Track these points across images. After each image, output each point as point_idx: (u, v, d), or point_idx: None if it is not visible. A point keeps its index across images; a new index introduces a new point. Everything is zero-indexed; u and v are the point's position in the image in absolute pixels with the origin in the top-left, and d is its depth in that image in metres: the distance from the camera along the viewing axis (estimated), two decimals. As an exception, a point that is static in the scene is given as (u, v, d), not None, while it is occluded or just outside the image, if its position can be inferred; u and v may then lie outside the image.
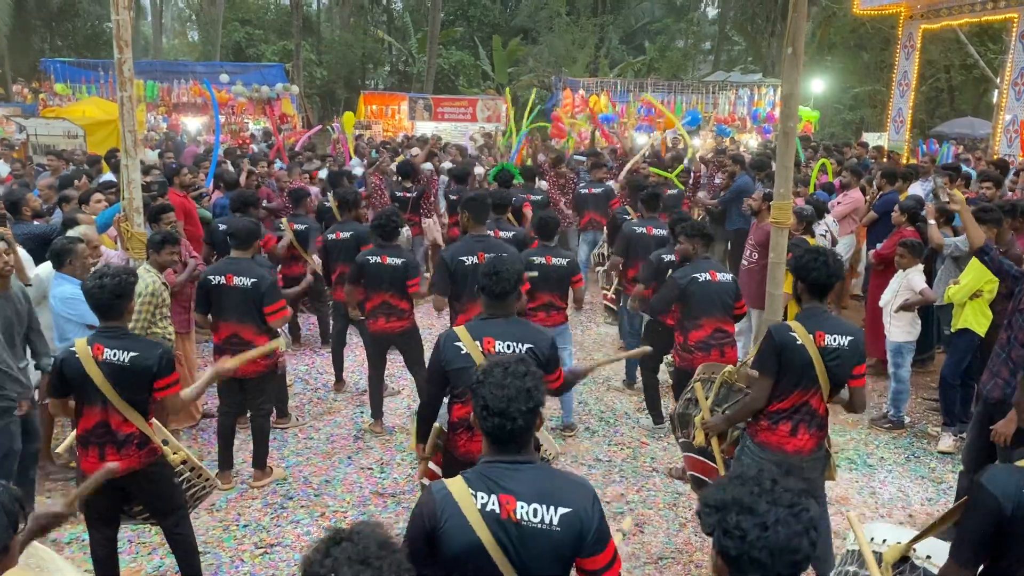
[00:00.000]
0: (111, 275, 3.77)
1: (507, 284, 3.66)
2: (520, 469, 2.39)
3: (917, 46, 13.17)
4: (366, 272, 6.18)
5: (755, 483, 1.83)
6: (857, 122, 29.30)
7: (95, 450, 3.83)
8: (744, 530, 1.75)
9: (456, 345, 3.63)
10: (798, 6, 5.71)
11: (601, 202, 10.04)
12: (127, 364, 3.75)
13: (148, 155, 12.95)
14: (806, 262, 3.92)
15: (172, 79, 22.49)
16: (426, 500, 2.39)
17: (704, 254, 5.66)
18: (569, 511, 2.33)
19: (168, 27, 43.60)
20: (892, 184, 8.87)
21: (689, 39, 37.08)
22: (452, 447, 3.80)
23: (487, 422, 2.39)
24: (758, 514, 1.77)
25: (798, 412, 3.95)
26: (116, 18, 5.55)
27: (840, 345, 3.89)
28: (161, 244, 5.60)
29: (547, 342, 3.69)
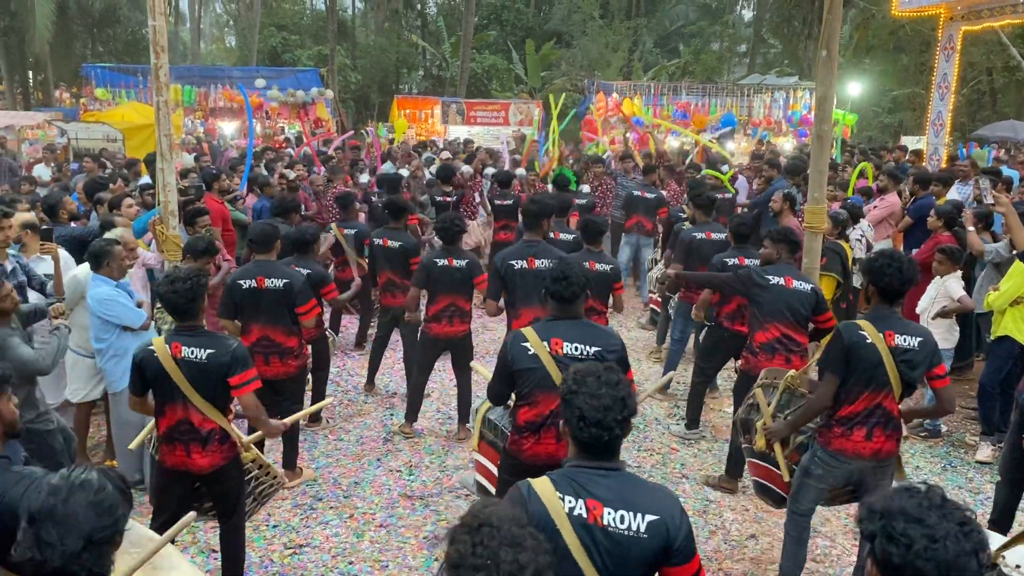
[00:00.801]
0: (183, 278, 3.85)
1: (576, 288, 3.68)
2: (608, 476, 2.39)
3: (958, 48, 12.90)
4: (433, 276, 6.16)
5: (925, 496, 1.80)
6: (895, 125, 28.86)
7: (181, 447, 3.91)
8: (911, 538, 1.71)
9: (524, 346, 3.65)
10: (833, 8, 5.65)
11: (651, 208, 9.97)
12: (204, 361, 3.82)
13: (184, 159, 13.14)
14: (880, 266, 3.89)
15: (209, 84, 22.79)
16: (515, 499, 2.37)
17: (788, 260, 5.43)
18: (656, 519, 2.33)
19: (206, 32, 44.30)
20: (925, 189, 8.72)
21: (724, 42, 36.78)
22: (517, 451, 3.79)
23: (583, 432, 2.38)
24: (928, 525, 1.73)
25: (872, 415, 3.89)
26: (152, 24, 5.65)
27: (911, 346, 3.84)
28: (203, 253, 5.68)
29: (616, 344, 3.71)
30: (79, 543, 1.92)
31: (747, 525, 5.23)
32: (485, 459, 4.26)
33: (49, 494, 1.95)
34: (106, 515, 1.98)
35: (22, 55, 31.00)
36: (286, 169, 10.88)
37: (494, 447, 4.16)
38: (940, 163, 12.92)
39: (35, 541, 1.90)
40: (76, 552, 1.91)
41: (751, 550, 4.94)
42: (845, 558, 4.82)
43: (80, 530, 1.92)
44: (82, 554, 1.92)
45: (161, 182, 5.81)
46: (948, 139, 13.54)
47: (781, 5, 32.76)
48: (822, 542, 5.02)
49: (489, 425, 4.21)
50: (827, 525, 5.20)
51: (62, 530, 1.91)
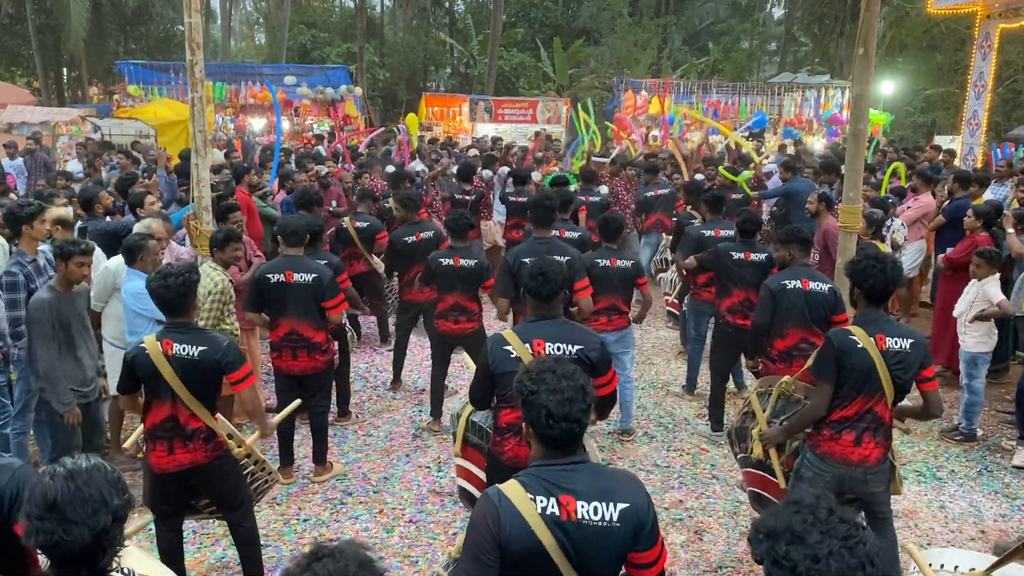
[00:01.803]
0: (175, 274, 3.85)
1: (554, 285, 3.65)
2: (576, 469, 2.40)
3: (994, 46, 12.70)
4: (438, 274, 6.19)
5: (810, 511, 1.76)
6: (928, 125, 28.47)
7: (164, 444, 3.92)
8: (794, 560, 1.69)
9: (505, 349, 3.62)
10: (870, 5, 5.58)
11: (668, 204, 9.94)
12: (196, 358, 3.83)
13: (215, 155, 13.26)
14: (863, 268, 3.84)
15: (240, 81, 22.99)
16: (486, 506, 2.36)
17: (802, 260, 5.34)
18: (627, 506, 2.35)
19: (236, 30, 44.67)
20: (965, 189, 8.58)
21: (754, 40, 36.46)
22: (499, 452, 3.76)
23: (554, 429, 2.37)
24: (809, 544, 1.70)
25: (863, 420, 3.84)
26: (189, 21, 5.70)
27: (902, 348, 3.78)
28: (225, 241, 5.69)
29: (596, 344, 3.66)
30: (107, 519, 2.01)
31: (778, 527, 5.17)
32: (469, 463, 4.21)
33: (67, 479, 2.02)
34: (123, 493, 2.10)
35: (57, 52, 31.46)
36: (318, 165, 10.93)
37: (479, 450, 4.12)
38: (975, 163, 12.73)
39: (61, 523, 1.96)
40: (106, 528, 2.01)
41: (782, 552, 4.88)
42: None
43: (107, 507, 2.02)
44: (110, 529, 2.02)
45: (195, 177, 5.87)
46: (983, 139, 13.33)
47: (813, 3, 32.43)
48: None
49: (473, 428, 4.16)
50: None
51: (89, 508, 1.99)
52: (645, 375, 7.94)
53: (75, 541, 1.95)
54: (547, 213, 5.97)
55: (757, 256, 6.18)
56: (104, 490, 2.03)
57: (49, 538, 1.96)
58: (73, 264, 4.70)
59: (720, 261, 6.21)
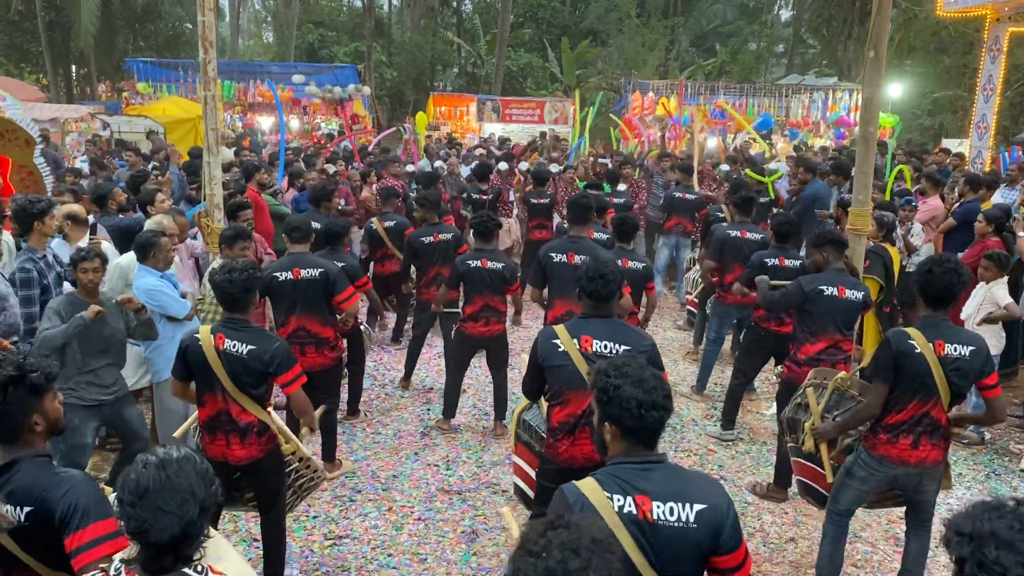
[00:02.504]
0: (239, 269, 3.90)
1: (613, 286, 3.68)
2: (652, 468, 2.38)
3: (1004, 49, 12.68)
4: (467, 277, 6.18)
5: (1014, 517, 1.77)
6: (936, 128, 28.38)
7: (221, 437, 3.96)
8: (1004, 567, 1.69)
9: (554, 343, 3.67)
10: (881, 8, 5.58)
11: (692, 209, 9.92)
12: (244, 356, 3.87)
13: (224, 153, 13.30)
14: (925, 272, 3.84)
15: (248, 79, 23.04)
16: (560, 504, 2.36)
17: (838, 264, 5.30)
18: (705, 507, 2.32)
19: (244, 28, 44.76)
20: (975, 192, 8.57)
21: (762, 42, 36.40)
22: (553, 455, 3.78)
23: (642, 420, 2.36)
24: (1019, 551, 1.71)
25: (919, 424, 3.86)
26: (202, 19, 5.74)
27: (961, 355, 3.78)
28: (233, 239, 5.71)
29: (647, 343, 3.69)
30: (195, 510, 2.03)
31: (786, 528, 5.19)
32: (522, 461, 4.25)
33: (159, 468, 2.05)
34: (211, 485, 2.11)
35: (66, 49, 31.55)
36: (327, 164, 10.96)
37: (529, 448, 4.15)
38: (983, 166, 12.70)
39: (152, 511, 1.99)
40: (194, 519, 2.03)
41: (790, 553, 4.91)
42: (887, 563, 4.77)
43: (195, 498, 2.04)
44: (198, 520, 2.04)
45: (207, 175, 5.90)
46: (992, 142, 13.31)
47: (820, 5, 32.35)
48: (863, 547, 4.97)
49: (524, 426, 4.20)
50: (868, 530, 5.15)
51: (179, 498, 2.01)
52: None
53: (164, 530, 1.98)
54: (584, 212, 6.02)
55: (792, 262, 6.11)
56: (193, 481, 2.06)
57: (140, 525, 1.99)
58: (79, 270, 4.71)
59: (756, 271, 6.08)
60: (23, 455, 2.52)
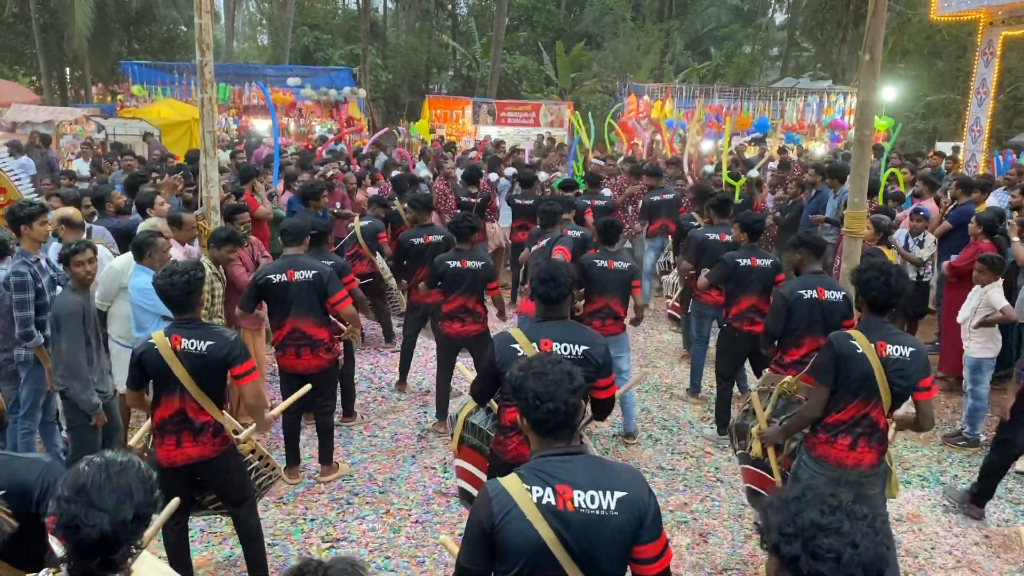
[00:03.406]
0: (180, 272, 3.91)
1: (563, 288, 3.74)
2: (572, 460, 2.42)
3: (997, 53, 12.74)
4: (445, 277, 6.22)
5: (820, 502, 1.80)
6: (930, 131, 28.50)
7: (172, 438, 3.96)
8: (838, 551, 1.72)
9: (512, 347, 3.67)
10: (877, 12, 5.60)
11: (673, 208, 9.97)
12: (204, 352, 3.88)
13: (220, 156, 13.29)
14: (868, 278, 3.86)
15: (243, 82, 23.03)
16: (481, 500, 2.40)
17: (814, 267, 5.37)
18: (626, 495, 2.36)
19: (239, 31, 44.73)
20: (968, 194, 8.61)
21: (756, 45, 36.53)
22: (502, 451, 3.81)
23: (537, 411, 2.42)
24: (845, 533, 1.74)
25: (858, 425, 3.87)
26: (199, 22, 5.74)
27: (902, 356, 3.80)
28: (224, 241, 5.70)
29: (602, 346, 3.72)
30: (130, 512, 2.04)
31: (783, 530, 5.19)
32: (468, 463, 4.24)
33: (100, 468, 2.07)
34: (150, 492, 2.12)
35: (60, 51, 31.46)
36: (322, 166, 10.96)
37: (478, 451, 4.15)
38: (977, 169, 12.75)
39: (86, 506, 2.00)
40: (126, 520, 2.03)
41: (787, 556, 4.91)
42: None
43: (131, 500, 2.05)
44: (130, 523, 2.05)
45: (204, 178, 5.90)
46: (985, 145, 13.37)
47: (815, 8, 32.51)
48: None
49: (471, 429, 4.19)
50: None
51: (115, 497, 2.02)
52: (649, 378, 7.96)
53: (94, 527, 1.99)
54: (552, 216, 6.74)
55: (763, 262, 6.22)
56: (133, 484, 2.07)
57: (71, 520, 1.99)
58: (73, 264, 4.72)
59: (728, 270, 6.24)
60: None
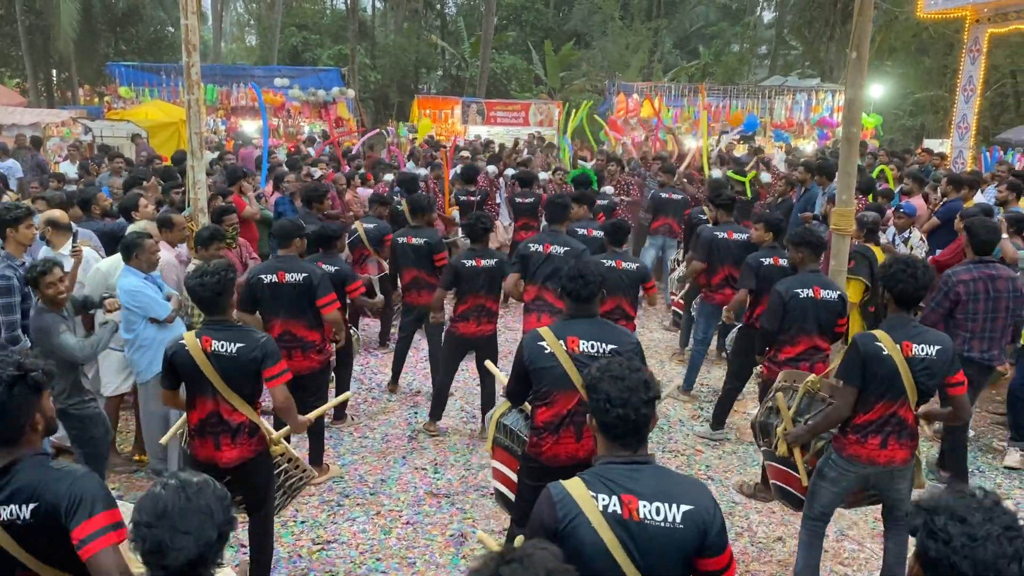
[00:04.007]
0: (211, 272, 3.89)
1: (593, 287, 3.72)
2: (639, 469, 2.40)
3: (983, 50, 12.82)
4: (462, 277, 6.17)
5: (975, 499, 1.79)
6: (917, 128, 28.64)
7: (211, 439, 3.96)
8: (950, 535, 1.71)
9: (540, 344, 3.68)
10: (863, 10, 5.62)
11: (679, 209, 9.97)
12: (235, 355, 3.87)
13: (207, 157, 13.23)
14: (895, 272, 3.86)
15: (231, 83, 22.92)
16: (545, 503, 2.37)
17: (813, 266, 5.36)
18: (691, 508, 2.33)
19: (227, 32, 44.55)
20: (958, 191, 8.66)
21: (745, 43, 36.62)
22: (536, 452, 3.80)
23: (609, 414, 2.39)
24: (969, 524, 1.73)
25: (887, 424, 3.87)
26: (185, 23, 5.71)
27: (928, 355, 3.80)
28: (209, 240, 5.66)
29: (631, 343, 3.72)
30: (214, 532, 2.02)
31: (774, 528, 5.21)
32: (501, 464, 4.24)
33: (178, 490, 2.03)
34: (228, 511, 2.10)
35: (46, 53, 31.29)
36: (312, 168, 10.93)
37: (510, 452, 4.14)
38: (964, 166, 12.82)
39: (170, 531, 1.97)
40: (211, 541, 2.01)
41: (778, 552, 4.93)
42: (873, 561, 4.79)
43: (213, 520, 2.02)
44: (216, 544, 2.03)
45: (192, 179, 5.87)
46: (972, 142, 13.44)
47: (803, 7, 32.61)
48: (850, 545, 5.00)
49: (504, 431, 4.17)
50: (855, 528, 5.18)
51: (198, 519, 2.00)
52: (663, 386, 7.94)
53: (181, 551, 1.96)
54: (560, 210, 6.45)
55: (785, 261, 6.08)
56: (212, 504, 2.04)
57: (156, 546, 1.96)
58: (43, 287, 4.66)
59: (752, 271, 6.13)
60: (22, 454, 2.52)
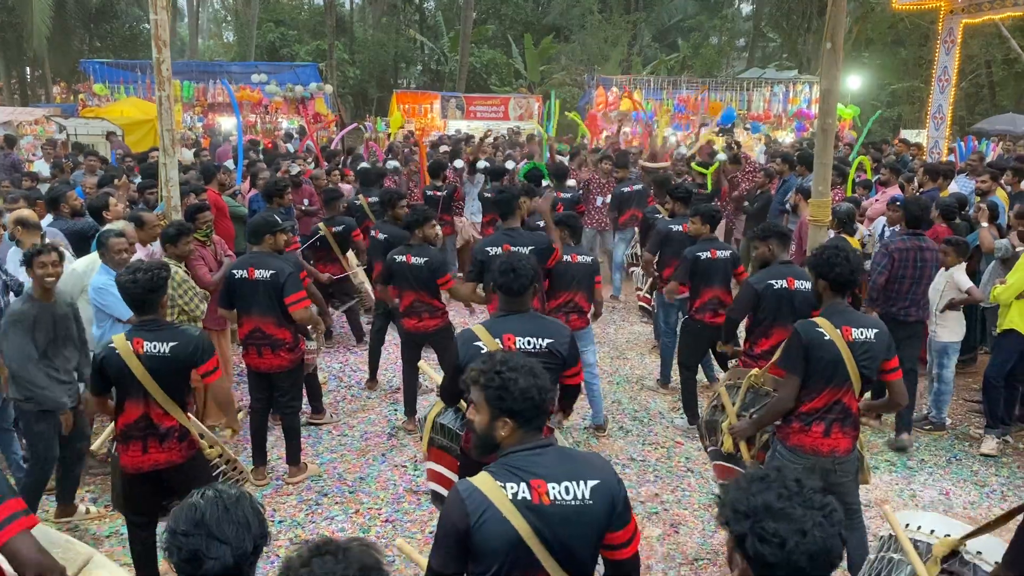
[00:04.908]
0: (144, 270, 3.82)
1: (524, 280, 3.69)
2: (543, 453, 2.41)
3: (958, 41, 12.87)
4: (394, 272, 6.21)
5: (781, 485, 1.79)
6: (894, 119, 28.84)
7: (137, 444, 3.89)
8: (783, 537, 1.71)
9: (476, 344, 3.63)
10: (837, 0, 5.62)
11: (642, 199, 10.00)
12: (168, 355, 3.81)
13: (184, 154, 13.10)
14: (827, 258, 3.87)
15: (208, 79, 22.69)
16: (453, 501, 2.36)
17: (783, 256, 5.37)
18: (598, 482, 2.37)
19: (204, 28, 44.17)
20: (934, 181, 8.72)
21: (723, 36, 36.72)
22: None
23: (544, 404, 2.42)
24: (795, 520, 1.73)
25: (831, 411, 3.87)
26: (154, 18, 5.63)
27: (868, 338, 3.82)
28: (176, 237, 5.59)
29: (566, 337, 3.71)
30: (250, 543, 1.99)
31: (753, 519, 5.21)
32: (438, 465, 4.19)
33: (215, 500, 2.01)
34: (264, 524, 2.07)
35: (19, 50, 30.87)
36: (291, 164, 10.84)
37: (448, 452, 4.09)
38: (940, 156, 12.90)
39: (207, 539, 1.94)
40: (247, 552, 1.98)
41: (758, 544, 4.93)
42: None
43: (250, 531, 1.99)
44: (251, 555, 2.00)
45: (164, 177, 5.80)
46: (948, 132, 13.52)
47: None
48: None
49: (440, 430, 4.13)
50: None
51: (235, 529, 1.97)
52: (620, 370, 7.97)
53: (217, 560, 1.93)
54: (508, 204, 6.05)
55: (722, 253, 6.30)
56: (249, 515, 2.01)
57: (193, 554, 1.93)
58: (36, 266, 4.61)
59: (689, 264, 6.27)
60: None
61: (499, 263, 3.76)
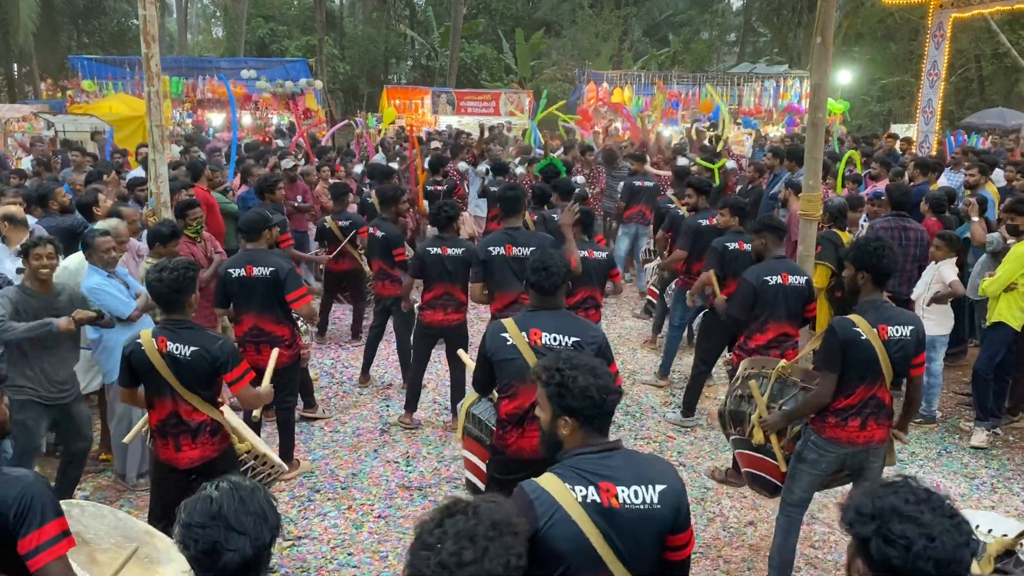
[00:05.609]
0: (171, 269, 3.80)
1: (557, 279, 3.67)
2: (611, 455, 2.39)
3: (947, 35, 12.91)
4: (428, 264, 6.12)
5: (909, 491, 1.78)
6: (884, 113, 28.93)
7: (172, 440, 3.89)
8: (910, 539, 1.70)
9: (502, 336, 3.64)
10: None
11: (651, 196, 9.98)
12: (188, 358, 3.79)
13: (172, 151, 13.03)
14: (874, 249, 3.85)
15: (197, 75, 22.59)
16: (521, 503, 2.30)
17: (777, 251, 5.36)
18: (666, 487, 2.36)
19: (193, 23, 43.96)
20: (925, 175, 8.76)
21: (714, 31, 36.76)
22: (503, 446, 3.76)
23: (607, 404, 2.42)
24: (923, 524, 1.71)
25: (867, 406, 3.89)
26: (143, 13, 5.60)
27: (903, 336, 3.84)
28: (169, 237, 5.56)
29: (596, 337, 3.68)
30: (267, 535, 1.99)
31: (745, 512, 5.24)
32: (471, 454, 4.20)
33: (231, 492, 2.01)
34: (278, 515, 2.08)
35: (6, 46, 30.64)
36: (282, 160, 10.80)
37: (479, 442, 4.11)
38: (930, 150, 12.95)
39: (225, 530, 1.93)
40: (265, 543, 1.99)
41: (749, 537, 4.96)
42: (844, 543, 4.82)
43: (267, 523, 2.00)
44: (270, 545, 2.01)
45: (153, 173, 5.77)
46: (938, 126, 13.57)
47: (770, -7, 32.79)
48: (820, 528, 5.04)
49: (473, 420, 4.14)
50: (825, 511, 5.21)
51: (252, 520, 1.97)
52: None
53: (236, 552, 1.92)
54: (514, 203, 5.95)
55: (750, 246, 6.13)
56: (265, 506, 2.02)
57: (211, 546, 1.92)
58: (31, 257, 4.59)
59: (718, 255, 6.16)
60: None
61: (532, 262, 3.74)
